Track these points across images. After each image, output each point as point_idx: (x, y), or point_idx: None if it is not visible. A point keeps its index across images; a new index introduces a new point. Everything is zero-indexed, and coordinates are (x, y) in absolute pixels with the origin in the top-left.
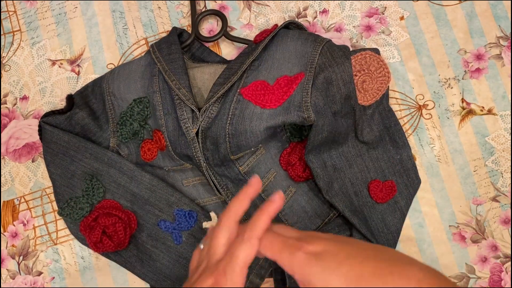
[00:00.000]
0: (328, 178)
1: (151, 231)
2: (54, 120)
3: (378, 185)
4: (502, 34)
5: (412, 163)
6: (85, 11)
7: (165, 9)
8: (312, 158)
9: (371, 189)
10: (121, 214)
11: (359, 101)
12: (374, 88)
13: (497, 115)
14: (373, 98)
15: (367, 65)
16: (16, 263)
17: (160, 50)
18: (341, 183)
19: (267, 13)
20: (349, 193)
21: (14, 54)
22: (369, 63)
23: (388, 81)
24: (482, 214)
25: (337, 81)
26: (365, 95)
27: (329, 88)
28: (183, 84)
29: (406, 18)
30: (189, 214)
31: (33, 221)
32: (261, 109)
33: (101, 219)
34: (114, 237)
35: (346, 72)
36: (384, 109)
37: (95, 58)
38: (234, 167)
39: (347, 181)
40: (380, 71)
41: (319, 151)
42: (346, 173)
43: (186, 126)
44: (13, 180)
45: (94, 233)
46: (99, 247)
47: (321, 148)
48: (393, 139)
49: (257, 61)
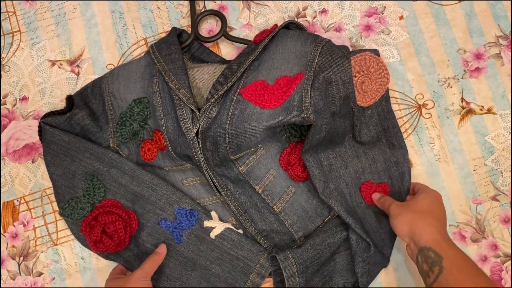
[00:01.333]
0: (324, 177)
1: (152, 230)
2: (54, 120)
3: (371, 187)
4: (501, 34)
5: (408, 168)
6: (84, 11)
7: (165, 10)
8: (308, 157)
9: (363, 190)
10: (121, 212)
11: (358, 102)
12: (373, 89)
13: (496, 114)
14: (372, 99)
15: (366, 66)
16: (16, 264)
17: (160, 50)
18: (336, 183)
19: (267, 13)
20: (344, 194)
21: (14, 55)
22: (369, 64)
23: (387, 83)
24: (482, 213)
25: (336, 82)
26: (364, 96)
27: (329, 89)
28: (183, 84)
29: (405, 18)
30: (191, 212)
31: (33, 221)
32: (260, 109)
33: (101, 217)
34: (115, 237)
35: (345, 73)
36: (383, 111)
37: (95, 58)
38: (233, 167)
39: (342, 182)
40: (379, 73)
41: (316, 151)
42: (342, 173)
43: (186, 126)
44: (13, 181)
45: (94, 231)
46: (99, 247)
47: (318, 148)
48: (389, 141)
49: (257, 61)
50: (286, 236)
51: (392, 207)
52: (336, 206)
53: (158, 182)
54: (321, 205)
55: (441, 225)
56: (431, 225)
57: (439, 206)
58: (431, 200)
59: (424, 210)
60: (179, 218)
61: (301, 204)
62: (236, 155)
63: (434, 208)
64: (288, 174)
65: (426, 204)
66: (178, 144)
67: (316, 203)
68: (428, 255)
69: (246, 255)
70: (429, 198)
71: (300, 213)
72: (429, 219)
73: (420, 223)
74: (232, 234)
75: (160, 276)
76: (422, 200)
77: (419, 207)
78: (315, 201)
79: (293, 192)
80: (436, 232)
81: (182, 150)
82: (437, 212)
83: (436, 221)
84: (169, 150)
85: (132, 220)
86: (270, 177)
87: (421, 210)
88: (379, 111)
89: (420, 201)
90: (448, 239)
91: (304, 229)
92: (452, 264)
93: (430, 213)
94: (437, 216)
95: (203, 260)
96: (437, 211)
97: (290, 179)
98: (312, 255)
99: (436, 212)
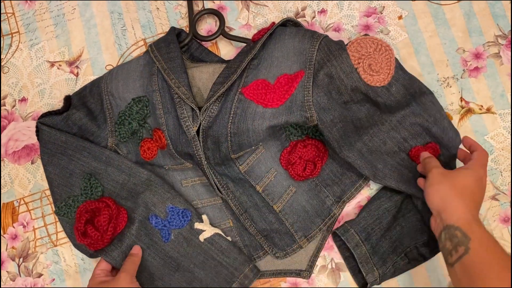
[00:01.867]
0: (369, 163)
1: (141, 224)
2: (50, 120)
3: (420, 150)
4: (500, 33)
5: (448, 122)
6: (83, 12)
7: (164, 10)
8: (347, 154)
9: (413, 156)
10: (112, 205)
11: (379, 83)
12: (383, 66)
13: (496, 113)
14: (389, 75)
15: (365, 49)
16: (16, 265)
17: (159, 49)
18: (382, 162)
19: (266, 13)
20: (394, 166)
21: (13, 56)
22: (365, 46)
23: (392, 53)
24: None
25: (338, 74)
26: (379, 75)
27: (332, 82)
28: (182, 83)
29: (404, 18)
30: (184, 212)
31: (32, 223)
32: (263, 108)
33: (88, 204)
34: (100, 228)
35: (345, 63)
36: (404, 79)
37: (94, 59)
38: (234, 166)
39: (386, 157)
40: (379, 49)
41: (350, 144)
42: (383, 150)
43: (187, 125)
44: (12, 182)
45: (80, 220)
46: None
47: (351, 141)
48: (422, 102)
49: (256, 59)
50: (286, 235)
51: (433, 172)
52: (393, 184)
53: (154, 179)
54: (322, 205)
55: (475, 206)
56: (466, 206)
57: (481, 188)
58: (475, 179)
59: (464, 188)
60: (171, 216)
61: (301, 203)
62: (237, 153)
63: (475, 189)
64: (289, 173)
65: (469, 182)
66: (179, 142)
67: (317, 202)
68: (454, 234)
69: (232, 263)
70: (474, 176)
71: (301, 212)
72: (466, 199)
73: (455, 202)
74: (221, 240)
75: (143, 274)
76: (466, 176)
77: (461, 183)
78: (316, 200)
79: (294, 192)
80: (469, 212)
81: (183, 148)
82: (477, 194)
83: (472, 202)
84: (170, 148)
85: (121, 216)
86: (271, 176)
87: (462, 187)
88: (401, 81)
89: (464, 177)
90: (477, 220)
91: (304, 228)
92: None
93: (469, 193)
94: (475, 198)
95: (187, 263)
96: (478, 193)
97: (290, 179)
98: (370, 222)
99: (476, 194)
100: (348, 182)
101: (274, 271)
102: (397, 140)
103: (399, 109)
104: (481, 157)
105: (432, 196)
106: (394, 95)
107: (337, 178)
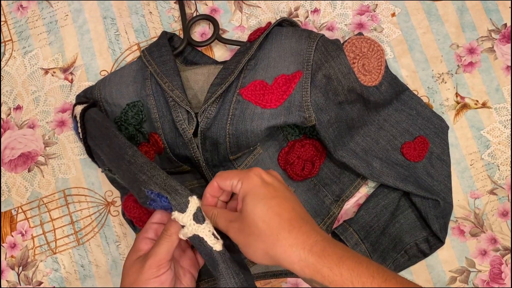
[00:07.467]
0: (364, 162)
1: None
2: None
3: (410, 146)
4: (493, 27)
5: (430, 111)
6: (76, 18)
7: (157, 14)
8: (341, 153)
9: (405, 152)
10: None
11: (370, 83)
12: (375, 65)
13: (491, 108)
14: (380, 75)
15: (359, 49)
16: (15, 274)
17: (151, 53)
18: (377, 160)
19: (259, 14)
20: (390, 164)
21: (6, 64)
22: (360, 46)
23: (383, 53)
24: (480, 208)
25: (336, 75)
26: (372, 75)
27: (329, 83)
28: (176, 86)
29: (397, 15)
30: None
31: (31, 231)
32: (261, 109)
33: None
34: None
35: (343, 64)
36: (391, 78)
37: (88, 65)
38: (232, 168)
39: (381, 156)
40: (372, 49)
41: (344, 144)
42: (376, 149)
43: (183, 128)
44: (9, 190)
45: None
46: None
47: (344, 140)
48: (401, 99)
49: (253, 60)
50: None
51: (231, 232)
52: (391, 182)
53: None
54: (321, 205)
55: (303, 231)
56: (290, 245)
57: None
58: (262, 206)
59: (264, 229)
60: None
61: None
62: (235, 155)
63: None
64: (287, 173)
65: (259, 216)
66: (176, 145)
67: (316, 202)
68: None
69: None
70: (257, 204)
71: None
72: (282, 239)
73: (274, 250)
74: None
75: None
76: (250, 213)
77: (254, 228)
78: (315, 200)
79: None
80: (302, 250)
81: (180, 151)
82: (284, 215)
83: (292, 232)
84: (167, 152)
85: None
86: None
87: (260, 230)
88: (389, 81)
89: (248, 216)
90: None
91: None
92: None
93: (275, 227)
94: (288, 223)
95: None
96: (284, 214)
97: (289, 179)
98: (369, 220)
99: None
100: (346, 180)
101: (275, 272)
102: (387, 138)
103: (384, 108)
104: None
105: (259, 261)
106: (384, 94)
107: (336, 177)
